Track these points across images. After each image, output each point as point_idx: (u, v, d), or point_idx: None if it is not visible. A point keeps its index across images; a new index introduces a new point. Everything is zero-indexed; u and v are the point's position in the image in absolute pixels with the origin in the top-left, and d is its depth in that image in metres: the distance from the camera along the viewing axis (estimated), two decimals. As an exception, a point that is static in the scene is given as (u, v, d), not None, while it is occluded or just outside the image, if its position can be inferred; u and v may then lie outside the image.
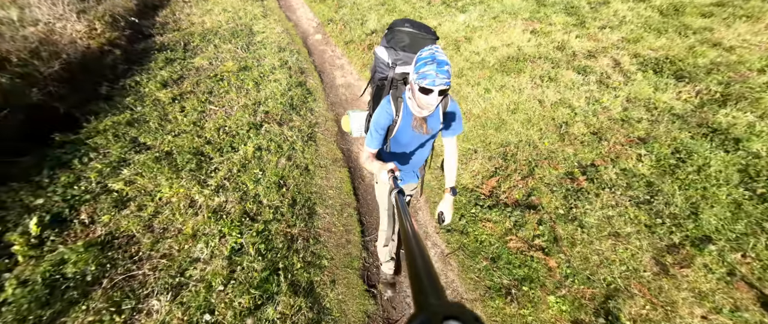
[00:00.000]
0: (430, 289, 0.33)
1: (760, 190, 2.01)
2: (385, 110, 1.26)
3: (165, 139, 2.92)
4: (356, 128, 1.59)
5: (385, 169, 1.07)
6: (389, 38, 1.40)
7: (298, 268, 1.90)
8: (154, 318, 1.64)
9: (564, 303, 1.74)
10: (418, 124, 1.24)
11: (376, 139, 1.29)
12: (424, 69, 1.03)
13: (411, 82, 1.12)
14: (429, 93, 1.05)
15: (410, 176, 1.56)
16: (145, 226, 2.17)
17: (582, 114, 2.90)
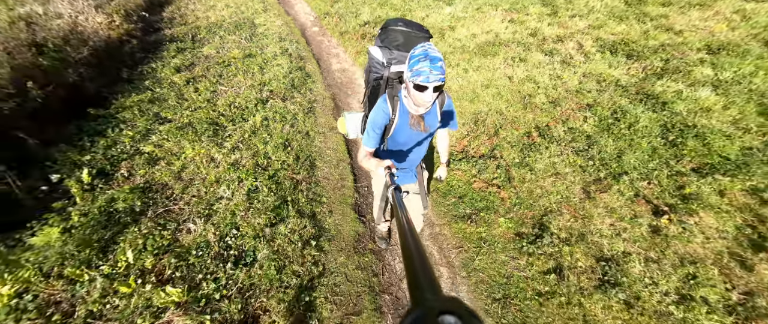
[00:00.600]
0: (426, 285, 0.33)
1: (672, 137, 2.58)
2: (382, 109, 1.27)
3: (183, 113, 3.47)
4: (352, 130, 1.62)
5: (382, 166, 1.10)
6: (383, 38, 1.43)
7: (302, 201, 2.46)
8: (194, 233, 2.18)
9: (511, 222, 2.29)
10: (415, 122, 1.26)
11: (373, 138, 1.31)
12: (418, 66, 1.06)
13: (406, 80, 1.15)
14: (424, 90, 1.07)
15: (409, 176, 1.57)
16: (175, 177, 2.71)
17: (544, 88, 3.47)
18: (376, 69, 1.44)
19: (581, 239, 2.07)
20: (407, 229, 0.49)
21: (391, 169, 1.06)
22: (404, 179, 1.58)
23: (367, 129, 1.31)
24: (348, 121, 1.63)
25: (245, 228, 2.22)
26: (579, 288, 1.85)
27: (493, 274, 2.03)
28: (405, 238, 0.47)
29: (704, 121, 2.68)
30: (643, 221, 2.07)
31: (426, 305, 0.29)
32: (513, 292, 1.93)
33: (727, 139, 2.48)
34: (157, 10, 6.39)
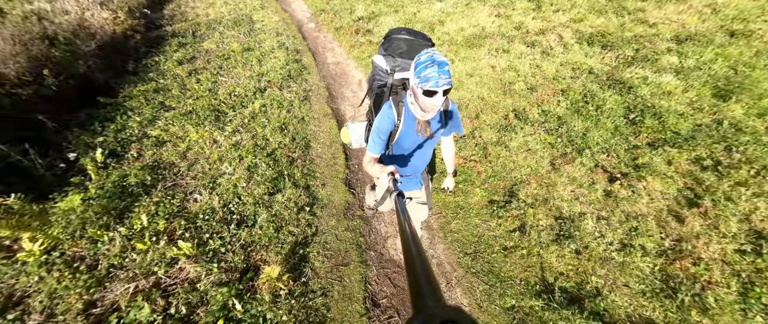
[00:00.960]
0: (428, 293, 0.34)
1: (633, 117, 2.89)
2: (387, 115, 1.31)
3: (186, 101, 3.77)
4: (356, 139, 1.66)
5: (386, 171, 1.12)
6: (386, 46, 1.48)
7: (298, 175, 2.76)
8: (200, 202, 2.48)
9: (485, 192, 2.60)
10: (422, 127, 1.30)
11: (378, 144, 1.33)
12: (426, 72, 1.08)
13: (412, 87, 1.17)
14: (433, 95, 1.10)
15: (413, 183, 1.59)
16: (181, 156, 3.01)
17: (524, 75, 3.78)
18: (380, 77, 1.48)
19: (544, 203, 2.38)
20: (410, 237, 0.50)
21: (394, 175, 1.08)
22: (409, 186, 1.59)
23: (372, 135, 1.34)
24: (351, 131, 1.66)
25: (246, 197, 2.52)
26: (539, 242, 2.15)
27: (467, 235, 2.33)
28: (407, 246, 0.47)
29: (663, 103, 2.99)
30: (598, 187, 2.38)
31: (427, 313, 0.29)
32: (482, 248, 2.23)
33: (681, 117, 2.79)
34: (158, 8, 6.70)
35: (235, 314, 1.76)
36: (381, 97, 1.50)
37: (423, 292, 0.34)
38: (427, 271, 0.38)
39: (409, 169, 1.51)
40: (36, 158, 2.71)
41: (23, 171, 2.66)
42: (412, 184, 1.60)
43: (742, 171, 2.23)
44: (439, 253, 2.26)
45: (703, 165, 2.36)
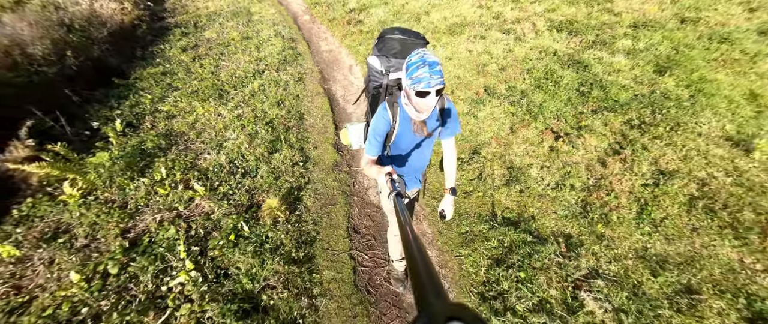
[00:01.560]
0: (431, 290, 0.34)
1: (584, 90, 3.42)
2: (382, 117, 1.34)
3: (192, 83, 4.27)
4: (355, 140, 1.69)
5: (383, 172, 1.15)
6: (380, 47, 1.50)
7: (293, 139, 3.27)
8: (209, 159, 2.98)
9: (453, 151, 3.11)
10: (418, 127, 1.33)
11: (374, 146, 1.37)
12: (417, 73, 1.10)
13: (405, 88, 1.19)
14: (426, 95, 1.12)
15: (412, 182, 1.63)
16: (190, 126, 3.51)
17: (496, 58, 4.30)
18: (375, 78, 1.51)
19: (500, 158, 2.90)
20: (411, 236, 0.51)
21: (391, 176, 1.11)
22: (409, 185, 1.63)
23: (369, 137, 1.38)
24: (350, 133, 1.70)
25: (249, 155, 3.03)
26: (492, 186, 2.67)
27: (437, 185, 2.85)
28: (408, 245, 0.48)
29: (612, 78, 3.53)
30: (546, 144, 2.90)
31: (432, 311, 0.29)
32: (447, 193, 2.75)
33: (623, 88, 3.33)
34: (160, 1, 7.19)
35: (243, 233, 2.27)
36: (377, 98, 1.53)
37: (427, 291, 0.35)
38: (429, 269, 0.39)
39: (407, 170, 1.54)
40: (66, 125, 3.20)
41: (54, 137, 3.15)
42: (411, 183, 1.64)
43: (660, 128, 2.76)
44: None
45: (631, 125, 2.89)
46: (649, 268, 1.92)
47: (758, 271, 1.81)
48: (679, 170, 2.43)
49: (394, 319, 1.96)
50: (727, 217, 2.07)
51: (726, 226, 2.04)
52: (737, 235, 1.98)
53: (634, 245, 2.07)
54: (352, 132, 1.71)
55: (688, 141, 2.63)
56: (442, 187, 2.60)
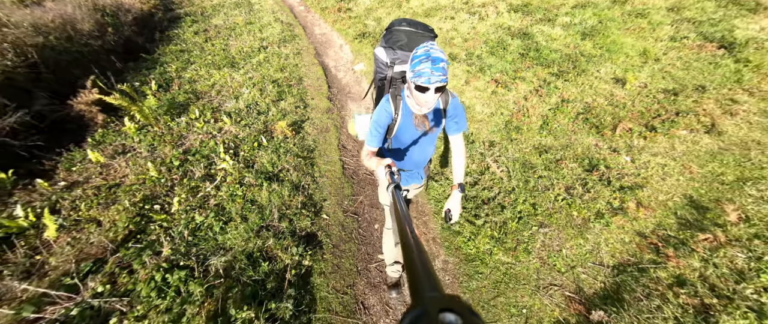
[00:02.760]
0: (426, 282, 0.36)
1: (524, 52, 4.54)
2: (384, 109, 1.38)
3: (207, 57, 5.33)
4: (362, 131, 1.72)
5: (382, 165, 1.17)
6: (387, 38, 1.53)
7: (294, 92, 4.33)
8: (231, 106, 4.02)
9: (420, 99, 4.20)
10: (419, 121, 1.37)
11: (375, 137, 1.41)
12: (420, 67, 1.14)
13: (408, 80, 1.23)
14: (425, 91, 1.16)
15: (414, 177, 1.66)
16: (210, 87, 4.55)
17: (462, 34, 5.42)
18: (380, 69, 1.54)
19: (454, 99, 3.99)
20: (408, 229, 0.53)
21: (390, 168, 1.12)
22: (410, 180, 1.68)
23: (370, 128, 1.41)
24: (357, 123, 1.74)
25: (261, 102, 4.08)
26: (446, 117, 3.75)
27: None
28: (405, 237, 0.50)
29: (547, 44, 4.65)
30: (489, 89, 3.99)
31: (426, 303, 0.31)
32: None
33: (554, 51, 4.45)
34: (168, -6, 8.24)
35: (263, 144, 3.31)
36: (382, 89, 1.58)
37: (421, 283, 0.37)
38: (424, 262, 0.41)
39: (409, 164, 1.57)
40: (115, 83, 4.23)
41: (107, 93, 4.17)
42: (413, 178, 1.67)
43: (570, 74, 3.87)
44: None
45: (552, 74, 4.00)
46: (538, 153, 3.00)
47: (602, 148, 2.90)
48: (575, 98, 3.53)
49: (369, 191, 3.00)
50: (595, 122, 3.17)
51: (592, 127, 3.13)
52: (597, 131, 3.07)
53: (533, 143, 3.15)
54: (358, 122, 1.75)
55: (586, 81, 3.74)
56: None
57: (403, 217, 0.62)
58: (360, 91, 4.79)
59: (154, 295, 1.92)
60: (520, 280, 2.15)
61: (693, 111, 3.11)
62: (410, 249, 0.46)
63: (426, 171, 1.73)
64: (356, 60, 5.56)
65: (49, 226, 2.39)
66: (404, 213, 0.65)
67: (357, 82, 4.96)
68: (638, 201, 2.43)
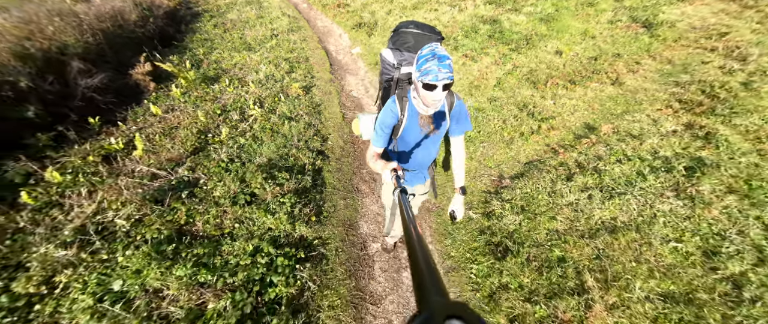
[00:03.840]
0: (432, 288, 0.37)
1: (491, 34, 5.74)
2: (390, 109, 1.46)
3: (227, 44, 6.56)
4: (366, 131, 1.80)
5: (388, 168, 1.24)
6: (394, 40, 1.65)
7: (302, 67, 5.55)
8: (253, 77, 5.21)
9: (405, 71, 5.39)
10: (425, 122, 1.45)
11: (381, 138, 1.49)
12: (426, 65, 1.23)
13: (414, 80, 1.31)
14: (433, 89, 1.24)
15: (418, 178, 1.77)
16: (232, 65, 5.77)
17: (443, 22, 6.64)
18: (387, 71, 1.65)
19: (431, 70, 5.18)
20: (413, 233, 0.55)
21: (397, 172, 1.19)
22: (414, 180, 1.76)
23: (376, 128, 1.51)
24: (362, 123, 1.81)
25: (276, 74, 5.27)
26: (423, 83, 4.94)
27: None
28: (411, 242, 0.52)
29: (511, 28, 5.85)
30: (460, 62, 5.17)
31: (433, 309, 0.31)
32: (398, 89, 5.00)
33: (516, 33, 5.64)
34: (184, -6, 9.54)
35: (281, 100, 4.48)
36: (388, 91, 1.66)
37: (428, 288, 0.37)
38: (430, 267, 0.43)
39: (414, 164, 1.65)
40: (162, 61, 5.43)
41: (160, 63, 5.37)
42: (417, 179, 1.74)
43: (523, 49, 5.06)
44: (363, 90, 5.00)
45: (510, 49, 5.18)
46: (490, 104, 4.16)
47: (535, 96, 4.06)
48: (524, 65, 4.71)
49: (363, 132, 4.16)
50: (534, 80, 4.34)
51: (531, 84, 4.30)
52: (534, 86, 4.24)
53: (487, 96, 4.30)
54: (363, 122, 1.81)
55: (535, 53, 4.92)
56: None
57: (409, 221, 0.65)
58: (356, 69, 5.99)
59: (222, 171, 3.08)
60: (465, 174, 3.29)
61: (605, 70, 4.26)
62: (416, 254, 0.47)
63: (430, 172, 1.81)
64: (353, 45, 6.79)
65: (139, 146, 3.55)
66: (410, 217, 0.69)
67: (353, 61, 6.16)
68: (550, 126, 3.57)
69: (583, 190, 2.71)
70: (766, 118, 2.97)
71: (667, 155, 2.81)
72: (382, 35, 6.75)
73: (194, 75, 5.19)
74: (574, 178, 2.83)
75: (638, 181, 2.62)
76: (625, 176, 2.70)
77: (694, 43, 4.38)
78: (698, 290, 1.91)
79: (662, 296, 1.93)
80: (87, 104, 4.14)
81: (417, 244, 0.49)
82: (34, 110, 3.59)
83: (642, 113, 3.49)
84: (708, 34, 4.50)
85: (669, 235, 2.22)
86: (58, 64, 4.09)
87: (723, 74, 3.71)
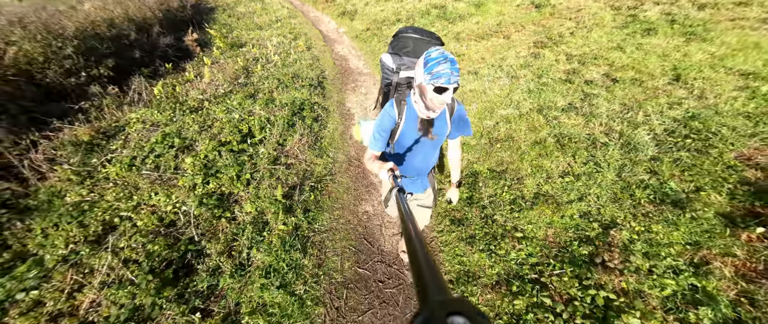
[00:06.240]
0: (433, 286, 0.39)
1: (440, 16, 8.51)
2: (388, 113, 1.54)
3: (242, 26, 9.15)
4: (367, 137, 1.85)
5: (385, 168, 1.29)
6: (394, 45, 1.74)
7: (303, 38, 8.13)
8: (268, 49, 7.74)
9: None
10: (423, 126, 1.51)
11: (378, 141, 1.57)
12: (438, 68, 1.28)
13: (421, 84, 1.36)
14: (444, 91, 1.31)
15: (417, 185, 1.83)
16: (250, 39, 8.32)
17: (407, 9, 9.40)
18: (386, 75, 1.74)
19: (394, 38, 7.88)
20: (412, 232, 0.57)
21: (394, 171, 1.24)
22: (414, 187, 1.86)
23: (373, 132, 1.58)
24: (362, 129, 1.90)
25: (285, 42, 7.82)
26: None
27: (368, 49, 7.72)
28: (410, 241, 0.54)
29: (453, 11, 8.63)
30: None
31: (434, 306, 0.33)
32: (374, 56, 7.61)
33: (458, 16, 8.42)
34: (196, -7, 12.13)
35: (291, 53, 7.02)
36: (388, 95, 1.77)
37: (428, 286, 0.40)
38: (430, 265, 0.45)
39: (411, 170, 1.75)
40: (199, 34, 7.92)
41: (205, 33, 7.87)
42: (415, 187, 1.85)
43: (458, 21, 7.80)
44: (347, 52, 7.59)
45: (449, 23, 7.91)
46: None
47: (458, 47, 6.74)
48: (464, 31, 7.42)
49: (360, 85, 6.70)
50: (458, 38, 7.04)
51: (456, 40, 7.00)
52: (457, 41, 6.94)
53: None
54: (364, 128, 1.90)
55: (463, 24, 7.66)
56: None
57: (408, 219, 0.67)
58: (342, 41, 8.62)
59: (264, 78, 5.57)
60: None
61: (502, 31, 6.98)
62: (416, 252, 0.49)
63: (431, 180, 1.89)
64: (339, 27, 9.45)
65: (206, 74, 5.98)
66: (409, 215, 0.71)
67: (340, 37, 8.81)
68: (461, 59, 6.20)
69: (476, 80, 5.32)
70: (572, 48, 5.70)
71: (513, 64, 5.47)
72: (361, 20, 9.43)
73: (225, 44, 7.68)
74: (474, 75, 5.45)
75: (496, 72, 5.25)
76: (491, 74, 5.33)
77: (559, 15, 7.17)
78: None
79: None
80: (163, 55, 6.58)
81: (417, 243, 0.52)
82: (139, 53, 6.01)
83: (513, 50, 6.18)
84: (570, 10, 7.33)
85: (509, 98, 4.83)
86: (146, 27, 6.54)
87: (565, 29, 6.47)
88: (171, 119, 4.21)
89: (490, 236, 2.84)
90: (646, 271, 2.27)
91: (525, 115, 4.35)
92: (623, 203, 2.86)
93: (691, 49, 5.08)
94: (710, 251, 2.29)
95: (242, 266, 2.59)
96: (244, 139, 3.94)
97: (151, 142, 3.69)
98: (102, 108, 4.28)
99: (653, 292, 2.13)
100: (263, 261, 2.60)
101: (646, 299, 2.12)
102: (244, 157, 3.67)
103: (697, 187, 2.83)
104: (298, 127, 4.32)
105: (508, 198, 3.17)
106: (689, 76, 4.48)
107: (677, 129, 3.57)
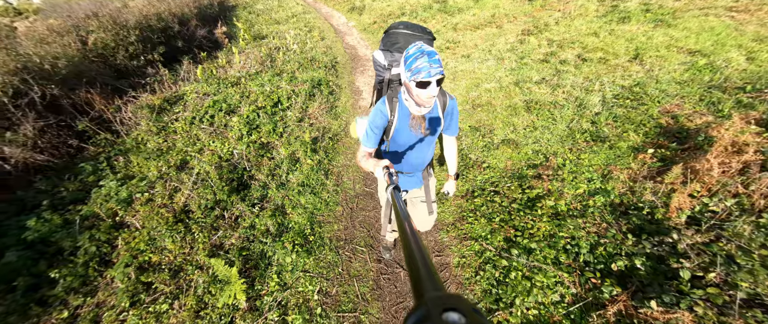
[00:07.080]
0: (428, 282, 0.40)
1: (440, 9, 9.54)
2: (380, 111, 1.55)
3: (262, 21, 10.35)
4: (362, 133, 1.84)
5: (380, 166, 1.29)
6: (385, 41, 1.75)
7: (317, 31, 9.26)
8: (288, 37, 8.90)
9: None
10: (416, 123, 1.52)
11: (371, 139, 1.59)
12: (417, 64, 1.28)
13: (405, 81, 1.37)
14: (427, 86, 1.30)
15: (413, 182, 1.87)
16: (270, 32, 9.51)
17: (412, 4, 10.45)
18: (379, 72, 1.76)
19: (399, 29, 8.94)
20: (408, 228, 0.59)
21: (389, 169, 1.25)
22: (409, 184, 1.90)
23: (366, 129, 1.60)
24: (358, 126, 1.93)
25: (301, 34, 8.95)
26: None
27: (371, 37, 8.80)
28: (406, 237, 0.56)
29: (452, 5, 9.63)
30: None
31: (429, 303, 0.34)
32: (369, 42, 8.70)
33: (456, 8, 9.42)
34: (218, -8, 13.43)
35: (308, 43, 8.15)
36: (381, 92, 1.80)
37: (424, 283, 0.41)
38: (426, 262, 0.46)
39: (406, 166, 1.78)
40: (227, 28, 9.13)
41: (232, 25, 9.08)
42: (412, 183, 1.88)
43: (457, 14, 8.82)
44: (356, 43, 8.67)
45: (449, 15, 8.93)
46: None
47: (455, 36, 7.75)
48: (461, 22, 8.42)
49: (367, 69, 7.78)
50: (455, 29, 8.05)
51: (454, 30, 8.01)
52: (454, 31, 7.94)
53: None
54: (360, 125, 1.92)
55: (461, 16, 8.66)
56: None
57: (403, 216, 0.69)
58: (351, 32, 9.72)
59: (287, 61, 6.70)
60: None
61: (495, 22, 7.95)
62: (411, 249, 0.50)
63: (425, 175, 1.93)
64: (349, 21, 10.56)
65: (237, 59, 7.13)
66: (404, 213, 0.73)
67: (350, 30, 9.91)
68: (457, 45, 7.21)
69: (468, 62, 6.32)
70: (554, 34, 6.64)
71: (501, 49, 6.46)
72: (368, 15, 10.52)
73: (250, 35, 8.86)
74: (467, 58, 6.46)
75: (485, 56, 6.25)
76: (481, 57, 6.32)
77: (550, 7, 8.09)
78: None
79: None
80: (199, 45, 7.78)
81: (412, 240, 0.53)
82: (181, 43, 7.22)
83: (503, 37, 7.14)
84: (560, 1, 8.24)
85: (493, 75, 5.81)
86: (186, 21, 7.76)
87: (552, 19, 7.40)
88: (217, 91, 5.35)
89: (464, 167, 3.86)
90: (569, 180, 3.26)
91: (504, 87, 5.35)
92: (565, 143, 3.85)
93: (656, 33, 5.99)
94: (616, 167, 3.27)
95: (283, 185, 3.68)
96: (275, 105, 5.05)
97: (205, 106, 4.83)
98: (163, 83, 5.45)
99: (569, 191, 3.12)
100: (298, 179, 3.69)
101: (563, 194, 3.12)
102: (276, 118, 4.77)
103: (623, 131, 3.80)
104: (317, 97, 5.41)
105: (481, 144, 4.18)
106: (647, 55, 5.40)
107: (622, 93, 4.52)
